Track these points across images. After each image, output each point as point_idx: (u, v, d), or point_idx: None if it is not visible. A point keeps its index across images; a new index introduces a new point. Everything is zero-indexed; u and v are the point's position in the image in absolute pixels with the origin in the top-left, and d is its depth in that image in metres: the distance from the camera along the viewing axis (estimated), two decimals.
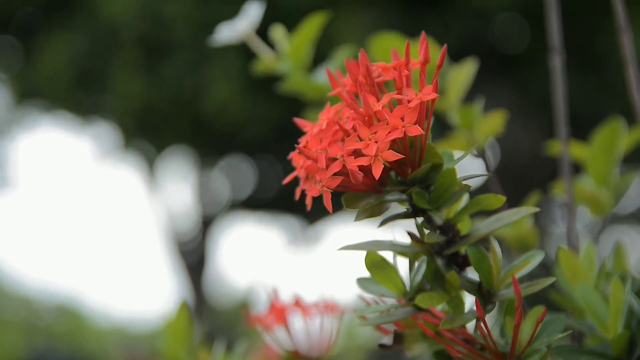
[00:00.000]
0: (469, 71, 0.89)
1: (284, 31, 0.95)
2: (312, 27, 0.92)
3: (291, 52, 0.93)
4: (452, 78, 0.89)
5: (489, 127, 0.89)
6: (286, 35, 0.94)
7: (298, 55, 0.93)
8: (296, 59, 0.93)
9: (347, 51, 0.92)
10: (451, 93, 0.90)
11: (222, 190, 5.87)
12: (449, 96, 0.90)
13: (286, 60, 0.93)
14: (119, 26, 4.09)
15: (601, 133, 0.88)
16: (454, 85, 0.89)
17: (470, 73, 0.89)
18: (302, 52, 0.93)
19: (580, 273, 0.71)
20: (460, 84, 0.89)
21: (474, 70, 0.89)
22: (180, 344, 0.85)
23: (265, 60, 0.94)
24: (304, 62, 0.94)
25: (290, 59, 0.93)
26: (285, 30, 0.94)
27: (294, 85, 0.93)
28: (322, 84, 0.92)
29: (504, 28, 4.27)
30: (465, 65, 0.90)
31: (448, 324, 0.58)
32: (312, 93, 0.93)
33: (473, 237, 0.59)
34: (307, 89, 0.93)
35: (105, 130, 5.14)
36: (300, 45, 0.93)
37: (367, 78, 0.57)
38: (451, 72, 0.89)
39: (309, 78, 0.93)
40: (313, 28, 0.92)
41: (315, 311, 0.85)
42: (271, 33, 0.95)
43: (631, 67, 0.79)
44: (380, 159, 0.53)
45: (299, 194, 0.58)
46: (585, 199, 0.88)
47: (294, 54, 0.93)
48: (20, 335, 6.90)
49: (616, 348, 0.62)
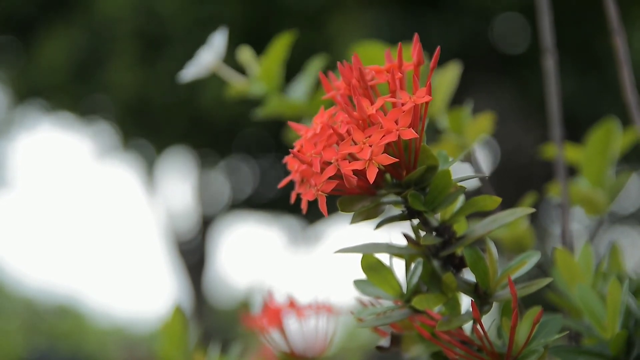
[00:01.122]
0: (453, 74, 0.89)
1: (251, 53, 0.93)
2: (281, 48, 0.91)
3: (263, 74, 0.92)
4: (438, 82, 0.89)
5: (478, 129, 0.89)
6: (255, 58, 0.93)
7: (270, 77, 0.92)
8: (269, 82, 0.92)
9: (321, 63, 0.91)
10: (437, 97, 0.89)
11: (222, 190, 5.88)
12: (434, 101, 0.89)
13: (258, 84, 0.92)
14: (115, 22, 4.10)
15: (596, 134, 0.88)
16: (439, 89, 0.89)
17: (455, 76, 0.88)
18: (274, 74, 0.92)
19: (577, 273, 0.71)
20: (445, 87, 0.88)
21: (458, 72, 0.88)
22: (176, 347, 0.85)
23: (237, 86, 0.93)
24: (277, 83, 0.92)
25: (263, 82, 0.92)
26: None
27: (271, 109, 0.92)
28: (299, 102, 0.91)
29: (504, 28, 4.27)
30: (449, 69, 0.89)
31: (445, 326, 0.58)
32: (291, 112, 0.91)
33: (469, 239, 0.59)
34: (285, 109, 0.91)
35: (104, 129, 5.14)
36: (272, 66, 0.92)
37: (360, 81, 0.57)
38: (436, 76, 0.89)
39: (285, 98, 0.92)
40: (282, 48, 0.91)
41: (310, 312, 0.85)
42: (239, 56, 0.94)
43: (625, 68, 0.80)
44: (374, 163, 0.53)
45: (294, 198, 0.58)
46: (580, 199, 0.88)
47: (266, 76, 0.92)
48: (21, 335, 6.90)
49: (614, 348, 0.63)
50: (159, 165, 5.71)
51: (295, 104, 0.92)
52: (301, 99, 0.92)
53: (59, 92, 4.58)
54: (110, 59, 4.22)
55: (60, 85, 4.47)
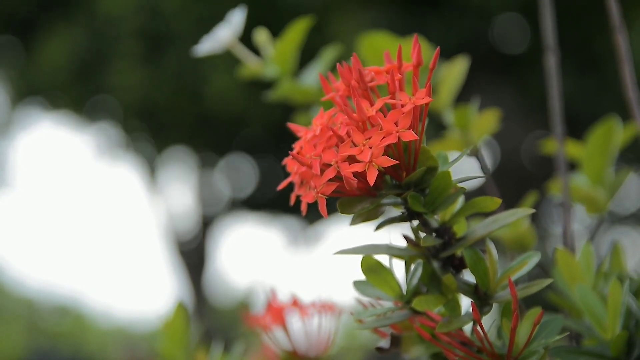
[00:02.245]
0: (460, 69, 0.88)
1: (268, 35, 0.93)
2: (297, 32, 0.91)
3: (277, 57, 0.91)
4: (444, 76, 0.88)
5: (483, 126, 0.88)
6: (271, 40, 0.93)
7: (284, 60, 0.91)
8: (282, 65, 0.91)
9: (335, 51, 0.91)
10: (443, 92, 0.89)
11: (223, 190, 5.87)
12: (441, 95, 0.89)
13: (272, 66, 0.92)
14: (118, 20, 4.10)
15: (596, 131, 0.88)
16: (445, 84, 0.88)
17: (463, 71, 0.88)
18: (288, 57, 0.91)
19: (578, 273, 0.71)
20: (452, 82, 0.88)
21: (466, 67, 0.88)
22: (178, 346, 0.85)
23: (250, 67, 0.92)
24: (291, 67, 0.92)
25: (277, 65, 0.91)
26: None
27: (283, 92, 0.91)
28: (311, 88, 0.91)
29: (504, 28, 4.27)
30: (457, 62, 0.88)
31: (444, 327, 0.58)
32: (301, 97, 0.91)
33: (469, 240, 0.59)
34: (296, 93, 0.91)
35: (106, 129, 5.14)
36: (286, 50, 0.91)
37: (359, 82, 0.56)
38: (443, 70, 0.88)
39: (297, 83, 0.92)
40: (299, 33, 0.91)
41: (313, 311, 0.85)
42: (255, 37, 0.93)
43: (626, 66, 0.80)
44: (374, 165, 0.53)
45: (294, 200, 0.58)
46: (581, 197, 0.87)
47: (280, 59, 0.91)
48: (22, 335, 6.91)
49: (614, 349, 0.63)
50: (160, 165, 5.71)
51: (306, 90, 0.91)
52: (313, 85, 0.91)
53: (60, 92, 4.58)
54: (113, 59, 4.21)
55: (62, 85, 4.47)
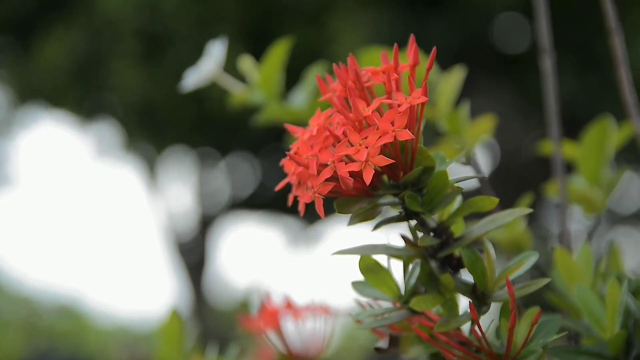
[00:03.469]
0: (457, 78, 0.89)
1: (252, 61, 0.93)
2: (279, 54, 0.91)
3: (262, 82, 0.92)
4: (442, 88, 0.89)
5: (477, 131, 0.89)
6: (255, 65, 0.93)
7: (269, 84, 0.92)
8: (268, 88, 0.92)
9: (320, 69, 0.91)
10: (441, 102, 0.89)
11: (223, 190, 5.87)
12: (439, 106, 0.89)
13: (258, 91, 0.92)
14: (117, 21, 4.10)
15: (591, 132, 0.88)
16: (443, 95, 0.89)
17: (459, 80, 0.89)
18: (273, 81, 0.92)
19: (576, 273, 0.71)
20: (449, 92, 0.89)
21: (463, 76, 0.88)
22: (174, 348, 0.85)
23: (237, 95, 0.93)
24: (276, 90, 0.92)
25: (262, 89, 0.91)
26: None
27: (270, 115, 0.92)
28: (298, 109, 0.91)
29: (504, 28, 4.27)
30: (453, 73, 0.89)
31: (442, 327, 0.58)
32: (290, 118, 0.91)
33: (467, 239, 0.59)
34: (284, 115, 0.91)
35: (106, 129, 5.14)
36: (270, 73, 0.91)
37: (356, 83, 0.57)
38: (440, 82, 0.89)
39: (285, 104, 0.92)
40: (280, 54, 0.91)
41: (308, 313, 0.85)
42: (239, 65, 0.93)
43: (623, 67, 0.80)
44: (371, 164, 0.53)
45: (291, 200, 0.58)
46: (578, 198, 0.88)
47: (265, 83, 0.92)
48: (21, 335, 6.91)
49: (613, 348, 0.63)
50: (160, 165, 5.71)
51: (294, 111, 0.91)
52: (301, 106, 0.91)
53: (60, 92, 4.58)
54: (112, 59, 4.21)
55: (61, 85, 4.47)
